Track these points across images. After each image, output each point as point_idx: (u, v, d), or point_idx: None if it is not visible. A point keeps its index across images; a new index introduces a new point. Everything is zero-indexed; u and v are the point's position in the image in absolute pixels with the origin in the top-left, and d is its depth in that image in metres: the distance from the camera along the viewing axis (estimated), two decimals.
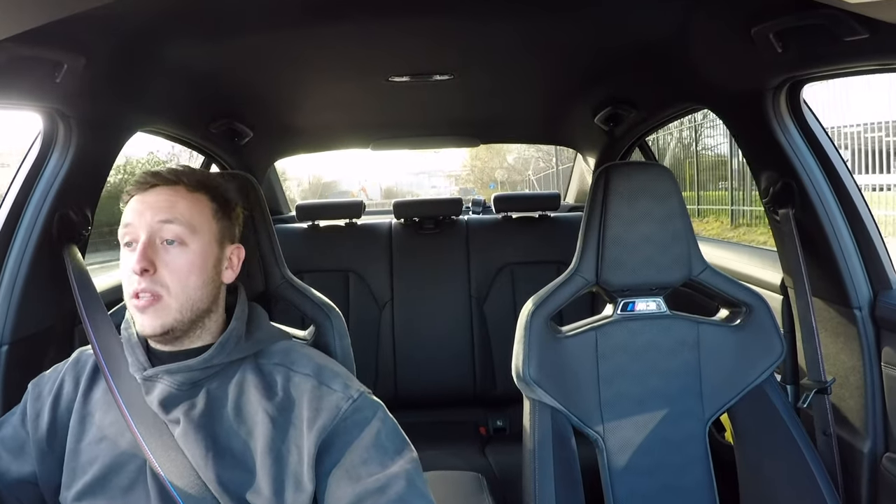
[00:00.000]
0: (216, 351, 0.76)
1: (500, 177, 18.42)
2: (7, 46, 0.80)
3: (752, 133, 1.26)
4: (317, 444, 0.72)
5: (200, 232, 0.76)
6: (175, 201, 0.76)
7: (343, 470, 0.71)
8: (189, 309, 0.75)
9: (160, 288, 0.73)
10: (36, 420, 0.79)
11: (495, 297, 2.13)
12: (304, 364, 0.79)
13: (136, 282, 0.72)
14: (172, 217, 0.74)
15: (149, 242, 0.73)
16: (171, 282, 0.73)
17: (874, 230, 1.15)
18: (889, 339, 1.11)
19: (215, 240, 0.79)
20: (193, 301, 0.75)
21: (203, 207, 0.78)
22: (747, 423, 1.11)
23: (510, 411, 2.01)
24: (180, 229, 0.74)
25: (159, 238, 0.74)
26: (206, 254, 0.77)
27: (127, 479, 0.74)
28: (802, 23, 0.93)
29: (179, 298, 0.74)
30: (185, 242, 0.75)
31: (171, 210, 0.75)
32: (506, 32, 1.22)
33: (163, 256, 0.73)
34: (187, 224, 0.75)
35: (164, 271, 0.73)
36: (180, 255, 0.74)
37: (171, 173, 0.78)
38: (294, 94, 1.66)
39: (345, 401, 0.74)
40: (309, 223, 2.22)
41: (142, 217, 0.74)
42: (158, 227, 0.74)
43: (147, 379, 0.75)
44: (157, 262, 0.73)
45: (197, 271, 0.75)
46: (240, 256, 0.83)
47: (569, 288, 1.11)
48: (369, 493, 0.69)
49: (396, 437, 0.75)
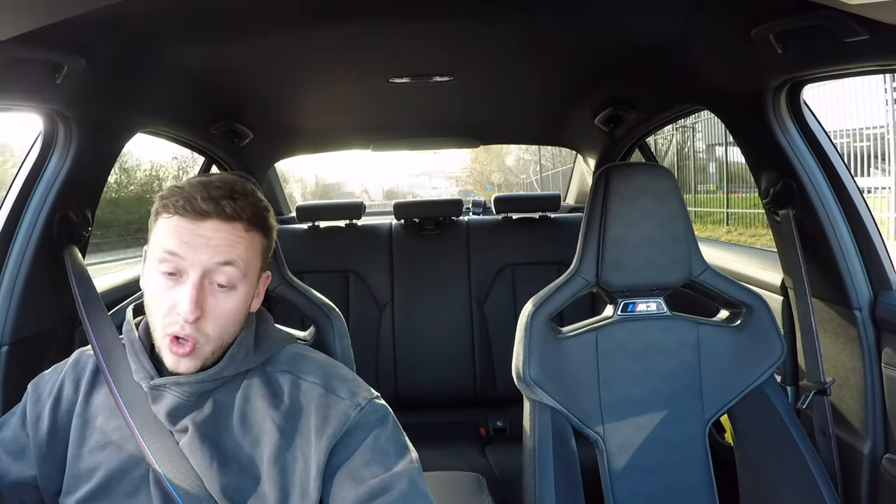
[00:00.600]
0: (226, 363, 0.74)
1: (497, 179, 18.72)
2: (7, 48, 0.80)
3: (753, 134, 1.26)
4: (326, 453, 0.71)
5: (250, 275, 0.73)
6: (235, 242, 0.71)
7: (346, 472, 0.71)
8: (220, 348, 0.73)
9: (201, 336, 0.70)
10: (36, 423, 0.77)
11: (496, 298, 2.13)
12: (312, 371, 0.78)
13: (180, 326, 0.69)
14: (231, 259, 0.70)
15: (200, 285, 0.69)
16: (213, 330, 0.71)
17: (874, 231, 1.15)
18: (889, 339, 1.10)
19: (257, 277, 0.76)
20: (224, 340, 0.73)
21: (257, 247, 0.74)
22: (747, 423, 1.11)
23: (510, 412, 2.01)
24: (236, 273, 0.71)
25: (210, 278, 0.70)
26: (248, 295, 0.74)
27: (130, 486, 0.73)
28: (803, 24, 0.93)
29: (214, 344, 0.72)
30: (236, 287, 0.72)
31: (231, 251, 0.70)
32: (506, 34, 1.22)
33: (210, 301, 0.70)
34: (243, 268, 0.71)
35: (209, 318, 0.70)
36: (226, 300, 0.71)
37: (231, 209, 0.70)
38: (294, 95, 1.66)
39: (353, 409, 0.74)
40: (309, 224, 2.23)
41: (197, 254, 0.69)
42: (213, 269, 0.69)
43: (154, 388, 0.74)
44: (206, 308, 0.69)
45: (237, 315, 0.73)
46: (266, 283, 0.80)
47: (569, 288, 1.11)
48: (374, 494, 0.68)
49: (398, 441, 0.75)
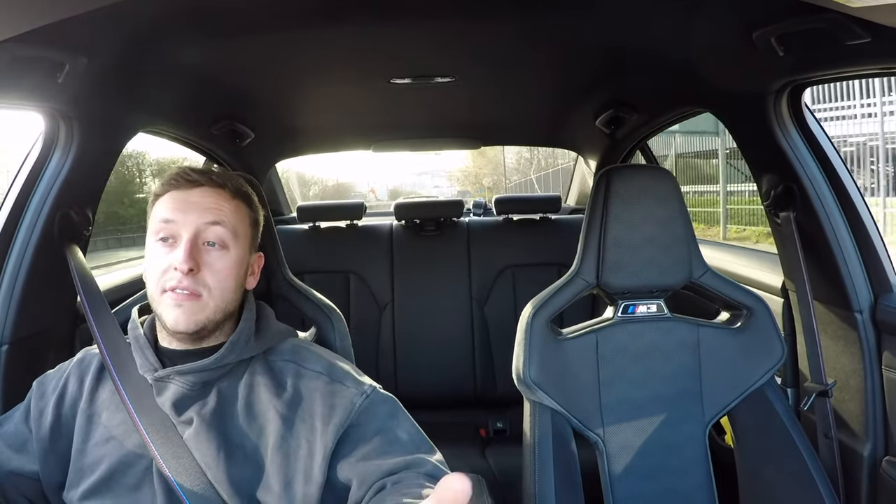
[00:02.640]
0: (227, 350, 0.76)
1: (487, 183, 20.90)
2: (9, 47, 0.80)
3: (754, 136, 1.26)
4: (335, 440, 0.73)
5: (240, 238, 0.78)
6: (221, 204, 0.77)
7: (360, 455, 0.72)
8: (222, 310, 0.76)
9: (202, 287, 0.74)
10: (39, 419, 0.79)
11: (496, 299, 2.13)
12: (315, 361, 0.80)
13: (177, 279, 0.73)
14: (220, 219, 0.76)
15: (194, 242, 0.74)
16: (213, 283, 0.74)
17: (875, 233, 1.15)
18: (890, 342, 1.10)
19: (249, 247, 0.81)
20: (227, 303, 0.76)
21: (243, 215, 0.80)
22: (747, 425, 1.11)
23: (510, 413, 2.00)
24: (225, 233, 0.76)
25: (202, 238, 0.75)
26: (242, 260, 0.78)
27: (134, 479, 0.74)
28: (804, 26, 0.93)
29: (216, 299, 0.75)
30: (227, 246, 0.76)
31: (219, 212, 0.76)
32: (507, 35, 1.22)
33: (205, 257, 0.75)
34: (231, 229, 0.77)
35: (207, 272, 0.74)
36: (221, 259, 0.76)
37: (217, 176, 0.79)
38: (295, 95, 1.66)
39: (358, 396, 0.76)
40: (310, 224, 2.22)
41: (186, 215, 0.75)
42: (204, 228, 0.75)
43: (158, 380, 0.75)
44: (200, 263, 0.74)
45: (234, 276, 0.77)
46: (260, 264, 0.86)
47: (569, 290, 1.11)
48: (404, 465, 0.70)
49: (419, 433, 0.77)
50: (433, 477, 0.70)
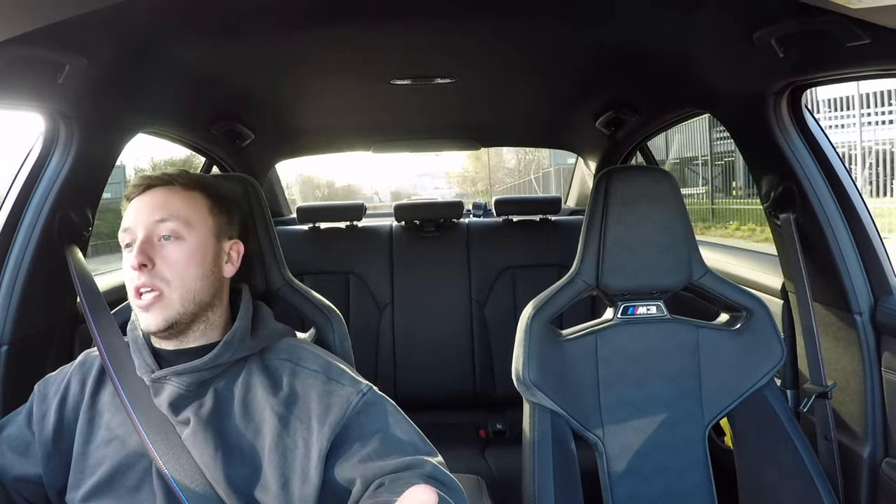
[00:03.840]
0: (222, 349, 0.76)
1: (481, 187, 22.12)
2: (9, 47, 0.80)
3: (754, 137, 1.26)
4: (330, 440, 0.73)
5: (196, 226, 0.78)
6: (169, 199, 0.78)
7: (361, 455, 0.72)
8: (191, 301, 0.76)
9: (160, 282, 0.74)
10: (42, 421, 0.79)
11: (496, 300, 2.13)
12: (311, 361, 0.80)
13: (136, 277, 0.74)
14: (168, 214, 0.77)
15: (146, 240, 0.75)
16: (170, 275, 0.75)
17: (875, 235, 1.15)
18: (889, 344, 1.10)
19: (212, 234, 0.80)
20: (194, 292, 0.76)
21: (197, 204, 0.80)
22: (747, 427, 1.11)
23: (510, 414, 2.00)
24: (175, 224, 0.76)
25: (156, 236, 0.76)
26: (203, 247, 0.78)
27: (134, 480, 0.74)
28: (804, 28, 0.93)
29: (179, 290, 0.75)
30: (182, 237, 0.77)
31: (166, 208, 0.77)
32: (507, 36, 1.22)
33: (160, 252, 0.75)
34: (182, 219, 0.77)
35: (163, 266, 0.75)
36: (177, 249, 0.76)
37: (164, 175, 0.81)
38: (295, 96, 1.66)
39: (355, 395, 0.76)
40: (310, 225, 2.22)
41: (138, 217, 0.76)
42: (154, 226, 0.76)
43: (155, 381, 0.76)
44: (154, 258, 0.74)
45: (195, 263, 0.77)
46: (239, 251, 0.85)
47: (569, 291, 1.11)
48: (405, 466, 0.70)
49: (417, 432, 0.77)
50: (433, 478, 0.70)
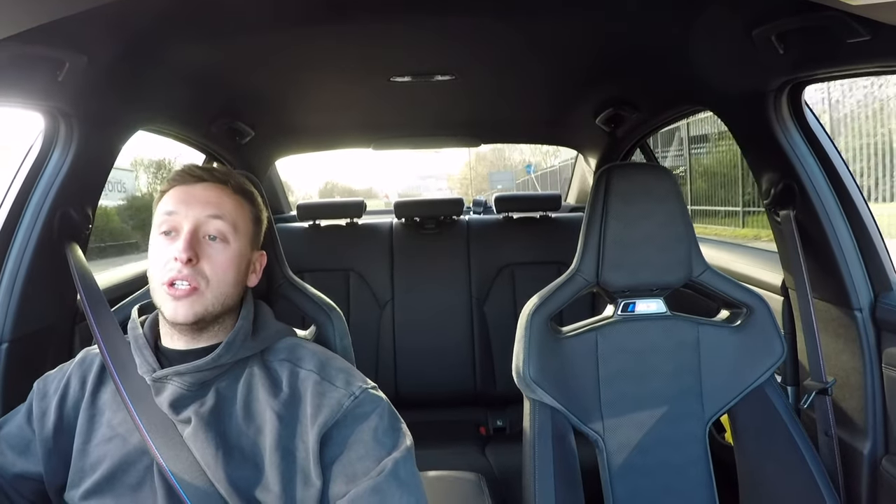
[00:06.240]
0: (224, 350, 0.76)
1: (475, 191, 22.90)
2: (9, 45, 0.80)
3: (754, 134, 1.26)
4: (318, 440, 0.72)
5: (241, 232, 0.79)
6: (223, 199, 0.79)
7: (341, 466, 0.71)
8: (221, 303, 0.76)
9: (200, 279, 0.74)
10: (41, 419, 0.79)
11: (496, 298, 2.13)
12: (309, 360, 0.80)
13: (177, 269, 0.73)
14: (221, 213, 0.77)
15: (194, 234, 0.75)
16: (211, 274, 0.75)
17: (875, 231, 1.15)
18: (889, 340, 1.11)
19: (250, 243, 0.82)
20: (226, 296, 0.77)
21: (244, 210, 0.81)
22: (747, 423, 1.11)
23: (510, 411, 2.01)
24: (224, 226, 0.77)
25: (203, 232, 0.76)
26: (242, 255, 0.79)
27: (135, 478, 0.74)
28: (804, 24, 0.93)
29: (215, 291, 0.75)
30: (228, 240, 0.77)
31: (220, 207, 0.77)
32: (507, 33, 1.22)
33: (205, 249, 0.76)
34: (231, 222, 0.78)
35: (206, 264, 0.75)
36: (222, 252, 0.76)
37: (220, 173, 0.81)
38: (295, 93, 1.66)
39: (346, 397, 0.75)
40: (310, 223, 2.22)
41: (189, 208, 0.76)
42: (205, 221, 0.76)
43: (157, 380, 0.76)
44: (200, 254, 0.75)
45: (234, 269, 0.78)
46: (262, 263, 0.86)
47: (569, 288, 1.11)
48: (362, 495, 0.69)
49: (394, 431, 0.75)
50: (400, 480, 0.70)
